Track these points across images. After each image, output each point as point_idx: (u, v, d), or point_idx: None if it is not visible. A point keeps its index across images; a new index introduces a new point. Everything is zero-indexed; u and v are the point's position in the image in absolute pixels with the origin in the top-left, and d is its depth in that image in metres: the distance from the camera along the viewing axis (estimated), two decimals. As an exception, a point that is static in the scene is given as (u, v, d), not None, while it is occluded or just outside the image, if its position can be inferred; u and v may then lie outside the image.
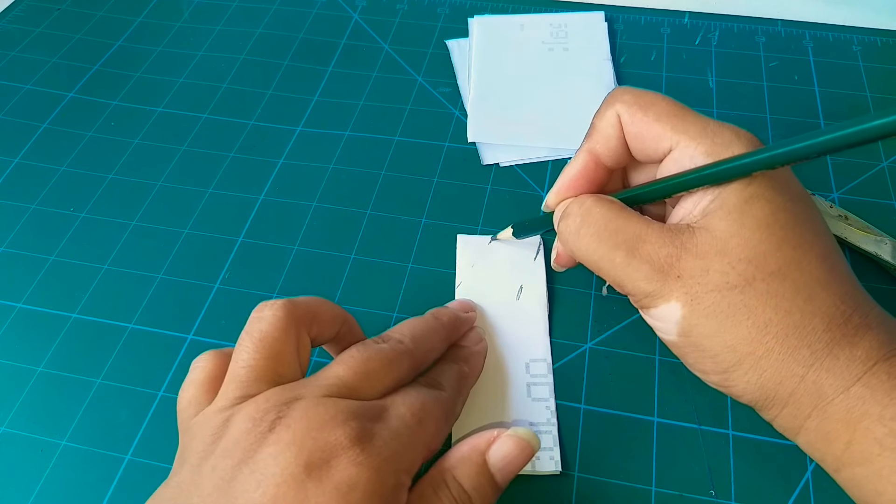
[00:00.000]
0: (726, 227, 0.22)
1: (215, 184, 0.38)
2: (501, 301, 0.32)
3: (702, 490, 0.27)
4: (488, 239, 0.34)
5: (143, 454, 0.29)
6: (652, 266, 0.23)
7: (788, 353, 0.21)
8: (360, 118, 0.41)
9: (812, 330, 0.21)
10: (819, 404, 0.21)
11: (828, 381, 0.21)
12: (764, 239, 0.22)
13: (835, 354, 0.21)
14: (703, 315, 0.22)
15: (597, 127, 0.26)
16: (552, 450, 0.28)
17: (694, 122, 0.24)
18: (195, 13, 0.49)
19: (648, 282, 0.23)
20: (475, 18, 0.47)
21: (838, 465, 0.21)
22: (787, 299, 0.21)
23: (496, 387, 0.29)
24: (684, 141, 0.23)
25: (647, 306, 0.24)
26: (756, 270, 0.21)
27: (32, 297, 0.34)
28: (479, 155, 0.39)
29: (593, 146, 0.26)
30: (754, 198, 0.22)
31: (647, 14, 0.47)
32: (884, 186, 0.36)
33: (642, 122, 0.24)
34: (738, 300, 0.21)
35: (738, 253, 0.22)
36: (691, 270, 0.22)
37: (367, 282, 0.34)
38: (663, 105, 0.24)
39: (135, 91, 0.44)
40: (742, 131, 0.23)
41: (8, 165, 0.40)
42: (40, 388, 0.31)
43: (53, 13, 0.50)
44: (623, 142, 0.25)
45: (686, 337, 0.23)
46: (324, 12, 0.49)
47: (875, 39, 0.44)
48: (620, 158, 0.26)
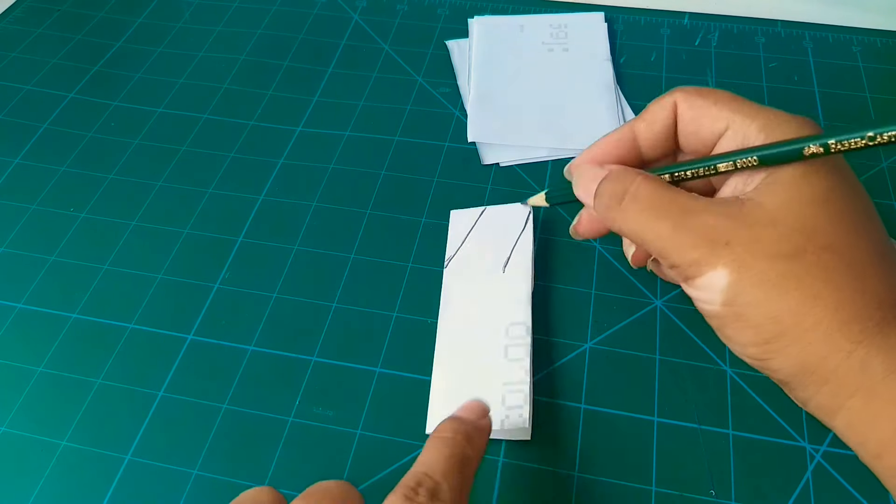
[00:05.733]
0: (780, 199, 0.22)
1: (215, 184, 0.38)
2: (488, 271, 0.33)
3: (702, 490, 0.27)
4: (480, 210, 0.35)
5: (143, 454, 0.29)
6: (699, 234, 0.22)
7: (837, 326, 0.20)
8: (360, 118, 0.41)
9: (863, 306, 0.20)
10: (866, 382, 0.20)
11: (878, 358, 0.20)
12: (818, 213, 0.21)
13: (886, 333, 0.20)
14: (751, 283, 0.21)
15: (650, 109, 0.26)
16: (522, 407, 0.28)
17: (750, 104, 0.24)
18: (195, 14, 0.49)
19: (695, 249, 0.22)
20: (475, 19, 0.47)
21: (882, 450, 0.20)
22: (838, 274, 0.21)
23: (476, 352, 0.30)
24: (740, 119, 0.23)
25: (693, 276, 0.23)
26: (808, 242, 0.21)
27: (32, 297, 0.34)
28: (479, 155, 0.39)
29: (637, 124, 0.26)
30: (810, 173, 0.22)
31: (646, 15, 0.47)
32: (884, 186, 0.36)
33: (701, 106, 0.25)
34: (787, 269, 0.21)
35: (790, 223, 0.21)
36: (741, 238, 0.22)
37: (367, 282, 0.34)
38: (722, 94, 0.25)
39: (135, 91, 0.44)
40: (800, 117, 0.23)
41: (8, 165, 0.40)
42: (40, 388, 0.31)
43: (54, 14, 0.50)
44: (669, 129, 0.26)
45: (730, 306, 0.22)
46: (324, 13, 0.49)
47: (875, 40, 0.44)
48: (657, 145, 0.26)
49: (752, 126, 0.23)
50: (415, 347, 0.31)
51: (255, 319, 0.32)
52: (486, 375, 0.29)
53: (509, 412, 0.28)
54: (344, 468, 0.28)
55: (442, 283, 0.33)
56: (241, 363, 0.31)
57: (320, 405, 0.30)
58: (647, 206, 0.23)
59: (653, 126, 0.26)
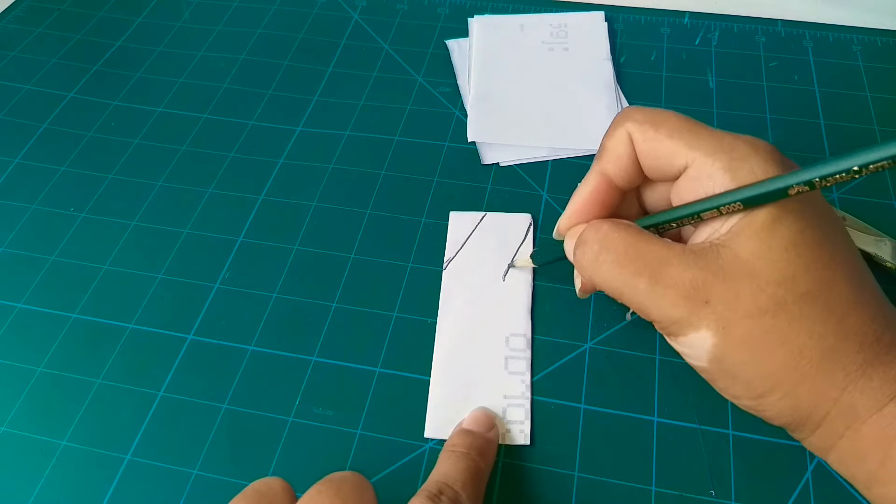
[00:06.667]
0: (753, 247, 0.21)
1: (215, 184, 0.38)
2: (488, 278, 0.33)
3: (702, 490, 0.27)
4: (480, 215, 0.35)
5: (143, 454, 0.29)
6: (678, 291, 0.22)
7: (823, 377, 0.21)
8: (360, 118, 0.41)
9: (846, 352, 0.21)
10: (853, 424, 0.21)
11: (861, 401, 0.21)
12: (792, 259, 0.21)
13: (868, 375, 0.21)
14: (737, 343, 0.21)
15: (607, 147, 0.25)
16: (523, 423, 0.28)
17: (708, 136, 0.23)
18: (195, 13, 0.49)
19: (675, 308, 0.22)
20: (475, 18, 0.47)
21: (870, 482, 0.21)
22: (819, 322, 0.21)
23: (475, 359, 0.30)
24: (700, 157, 0.23)
25: (675, 334, 0.23)
26: (787, 293, 0.21)
27: (32, 297, 0.34)
28: (479, 155, 0.39)
29: (604, 167, 0.25)
30: (783, 215, 0.21)
31: (647, 14, 0.47)
32: (884, 186, 0.36)
33: (655, 140, 0.24)
34: (771, 326, 0.21)
35: (766, 275, 0.21)
36: (720, 295, 0.21)
37: (367, 282, 0.34)
38: (675, 121, 0.24)
39: (135, 91, 0.44)
40: (758, 142, 0.23)
41: (8, 165, 0.40)
42: (40, 388, 0.31)
43: (54, 13, 0.50)
44: (635, 161, 0.25)
45: (718, 364, 0.22)
46: (324, 12, 0.49)
47: (875, 39, 0.44)
48: (633, 178, 0.25)
49: (714, 165, 0.22)
50: (415, 347, 0.31)
51: (254, 319, 0.32)
52: (486, 386, 0.29)
53: (510, 427, 0.28)
54: (344, 468, 0.28)
55: (441, 285, 0.33)
56: (241, 363, 0.31)
57: (320, 405, 0.30)
58: (620, 258, 0.23)
59: (620, 162, 0.25)
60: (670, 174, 0.24)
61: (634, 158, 0.25)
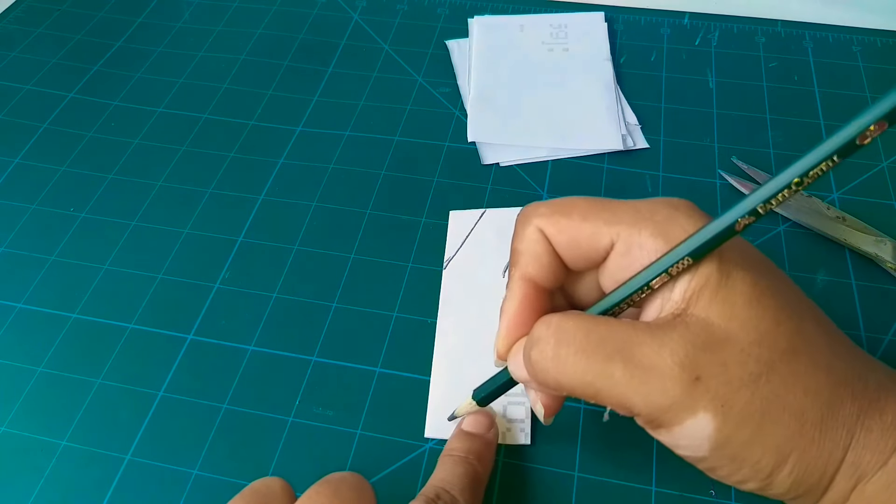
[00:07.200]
0: (719, 310, 0.20)
1: (215, 184, 0.38)
2: (488, 275, 0.33)
3: (702, 490, 0.27)
4: (480, 212, 0.35)
5: (143, 454, 0.29)
6: (662, 372, 0.19)
7: (828, 438, 0.19)
8: (360, 118, 0.41)
9: (842, 405, 0.19)
10: (858, 484, 0.19)
11: (865, 457, 0.19)
12: (760, 315, 0.19)
13: (868, 427, 0.19)
14: (739, 421, 0.19)
15: (521, 250, 0.23)
16: (524, 422, 0.28)
17: (624, 209, 0.22)
18: (195, 14, 0.49)
19: (664, 393, 0.19)
20: (475, 19, 0.47)
21: None
22: (810, 377, 0.19)
23: (475, 358, 0.30)
24: (624, 230, 0.21)
25: (668, 424, 0.20)
26: (770, 352, 0.19)
27: (32, 297, 0.34)
28: (479, 155, 0.39)
29: (524, 271, 0.23)
30: (731, 270, 0.20)
31: (647, 14, 0.47)
32: (883, 187, 0.36)
33: (570, 227, 0.22)
34: (769, 392, 0.19)
35: (744, 337, 0.19)
36: (708, 368, 0.19)
37: (367, 282, 0.34)
38: (584, 203, 0.22)
39: (135, 91, 0.44)
40: (674, 200, 0.22)
41: (8, 165, 0.40)
42: (40, 388, 0.31)
43: (54, 14, 0.50)
44: (555, 257, 0.23)
45: (721, 450, 0.19)
46: (324, 13, 0.49)
47: (875, 40, 0.44)
48: (557, 275, 0.23)
49: (642, 234, 0.21)
50: (414, 347, 0.31)
51: (254, 319, 0.32)
52: None
53: (511, 425, 0.28)
54: (344, 468, 0.28)
55: (441, 284, 0.33)
56: (241, 363, 0.31)
57: (320, 405, 0.30)
58: (583, 347, 0.20)
59: (540, 262, 0.23)
60: (595, 258, 0.22)
61: (554, 254, 0.23)
